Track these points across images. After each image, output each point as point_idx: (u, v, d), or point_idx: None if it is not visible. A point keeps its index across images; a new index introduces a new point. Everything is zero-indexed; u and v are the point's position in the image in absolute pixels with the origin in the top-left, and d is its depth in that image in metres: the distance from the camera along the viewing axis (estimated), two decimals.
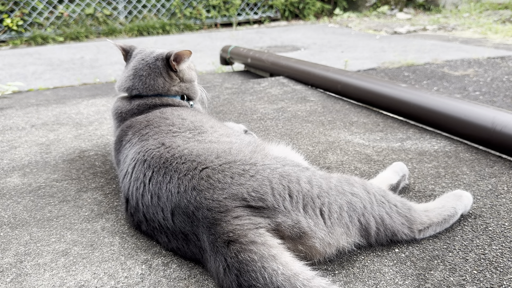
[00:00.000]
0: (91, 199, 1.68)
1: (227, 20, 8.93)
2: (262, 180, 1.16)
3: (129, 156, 1.45)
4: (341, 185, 1.22)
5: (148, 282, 1.19)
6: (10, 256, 1.33)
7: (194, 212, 1.16)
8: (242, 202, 1.13)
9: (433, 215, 1.32)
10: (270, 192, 1.15)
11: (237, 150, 1.31)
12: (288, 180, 1.17)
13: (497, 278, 1.13)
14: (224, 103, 2.92)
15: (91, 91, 3.61)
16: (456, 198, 1.41)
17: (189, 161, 1.26)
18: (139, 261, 1.28)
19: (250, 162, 1.23)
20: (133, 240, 1.39)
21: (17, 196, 1.73)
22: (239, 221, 1.10)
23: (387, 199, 1.26)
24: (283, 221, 1.12)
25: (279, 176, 1.18)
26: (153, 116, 1.61)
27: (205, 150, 1.31)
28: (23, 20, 7.56)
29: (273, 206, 1.13)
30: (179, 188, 1.20)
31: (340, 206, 1.17)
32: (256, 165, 1.21)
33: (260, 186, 1.15)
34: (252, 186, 1.15)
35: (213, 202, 1.14)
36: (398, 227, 1.24)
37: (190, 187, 1.18)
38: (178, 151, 1.32)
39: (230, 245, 1.07)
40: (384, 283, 1.14)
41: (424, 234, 1.31)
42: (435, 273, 1.16)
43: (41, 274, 1.24)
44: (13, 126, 2.66)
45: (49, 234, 1.45)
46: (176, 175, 1.23)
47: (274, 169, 1.20)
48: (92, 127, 2.57)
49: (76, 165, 2.02)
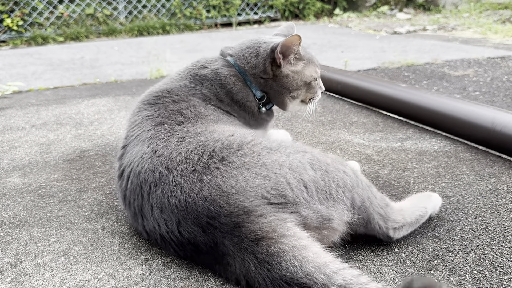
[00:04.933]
0: (91, 199, 1.68)
1: (227, 20, 8.93)
2: (277, 178, 1.16)
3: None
4: (335, 164, 1.25)
5: (148, 282, 1.19)
6: (10, 256, 1.33)
7: (208, 221, 1.13)
8: (263, 200, 1.13)
9: (407, 214, 1.33)
10: (288, 187, 1.15)
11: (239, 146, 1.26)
12: (298, 172, 1.18)
13: (497, 278, 1.13)
14: None
15: (91, 91, 3.61)
16: (426, 198, 1.43)
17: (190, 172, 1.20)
18: (139, 261, 1.28)
19: (259, 163, 1.19)
20: (133, 240, 1.39)
21: (17, 196, 1.74)
22: (264, 218, 1.10)
23: (370, 189, 1.28)
24: (308, 214, 1.14)
25: (289, 170, 1.18)
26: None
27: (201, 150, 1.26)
28: (23, 20, 7.56)
29: (294, 200, 1.14)
30: (186, 200, 1.16)
31: (337, 183, 1.20)
32: (266, 165, 1.19)
33: (277, 183, 1.15)
34: (270, 185, 1.15)
35: (231, 207, 1.12)
36: (375, 215, 1.25)
37: (201, 199, 1.14)
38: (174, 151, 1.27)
39: (259, 241, 1.07)
40: (384, 283, 1.14)
41: (399, 233, 1.30)
42: (435, 273, 1.16)
43: (41, 274, 1.24)
44: (13, 126, 2.66)
45: (49, 234, 1.45)
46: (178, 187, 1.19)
47: (283, 164, 1.19)
48: (92, 127, 2.57)
49: (76, 165, 2.02)
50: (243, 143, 1.26)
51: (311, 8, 9.42)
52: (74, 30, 7.70)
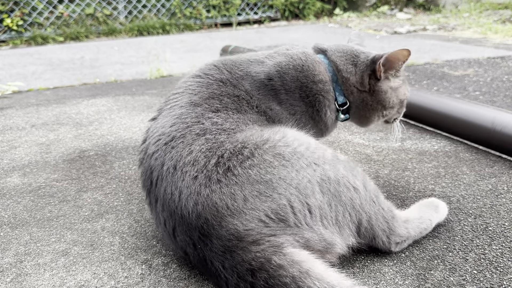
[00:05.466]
0: (91, 199, 1.68)
1: (227, 20, 8.93)
2: (280, 200, 1.06)
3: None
4: (346, 180, 1.15)
5: (148, 282, 1.19)
6: (10, 256, 1.33)
7: (200, 237, 1.08)
8: (259, 224, 1.05)
9: (412, 227, 1.27)
10: (291, 211, 1.07)
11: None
12: (305, 194, 1.09)
13: (497, 278, 1.13)
14: None
15: (91, 91, 3.61)
16: (433, 209, 1.36)
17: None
18: (139, 261, 1.28)
19: (265, 179, 1.08)
20: (133, 240, 1.39)
21: (17, 196, 1.73)
22: (257, 246, 1.02)
23: (378, 200, 1.21)
24: (311, 236, 1.08)
25: (296, 192, 1.08)
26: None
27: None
28: (23, 20, 7.56)
29: (295, 224, 1.07)
30: (182, 210, 1.10)
31: (344, 207, 1.13)
32: (272, 182, 1.08)
33: (279, 206, 1.06)
34: (270, 207, 1.06)
35: (222, 230, 1.04)
36: (379, 232, 1.20)
37: (195, 215, 1.08)
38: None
39: (255, 273, 1.00)
40: (384, 283, 1.14)
41: (400, 247, 1.26)
42: (435, 273, 1.16)
43: (41, 274, 1.24)
44: (13, 126, 2.66)
45: (49, 234, 1.45)
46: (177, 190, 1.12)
47: (290, 183, 1.09)
48: (92, 127, 2.57)
49: (76, 165, 2.02)
50: (257, 147, 1.14)
51: (311, 8, 9.42)
52: (74, 30, 7.70)
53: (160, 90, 3.46)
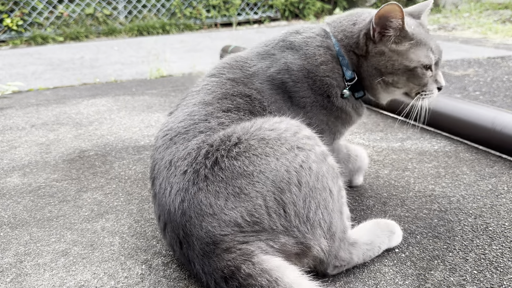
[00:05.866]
0: (91, 199, 1.68)
1: (227, 20, 8.92)
2: (256, 199, 1.03)
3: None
4: (326, 179, 1.10)
5: (148, 282, 1.18)
6: (10, 256, 1.33)
7: (184, 237, 1.08)
8: (234, 228, 1.03)
9: (356, 254, 1.19)
10: (266, 212, 1.03)
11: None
12: (281, 188, 1.04)
13: (497, 278, 1.13)
14: None
15: (91, 91, 3.61)
16: (387, 235, 1.26)
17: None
18: (139, 261, 1.28)
19: (248, 172, 1.05)
20: (133, 240, 1.39)
21: (17, 196, 1.73)
22: (229, 254, 1.02)
23: (342, 216, 1.16)
24: (287, 240, 1.05)
25: (272, 187, 1.04)
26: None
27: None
28: (23, 20, 7.55)
29: (270, 227, 1.04)
30: (170, 206, 1.10)
31: (318, 204, 1.07)
32: (252, 176, 1.04)
33: (254, 207, 1.03)
34: (247, 209, 1.03)
35: (202, 231, 1.04)
36: (323, 243, 1.10)
37: (180, 212, 1.07)
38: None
39: (228, 281, 1.01)
40: (384, 283, 1.14)
41: (337, 271, 1.17)
42: (435, 273, 1.16)
43: (41, 274, 1.24)
44: (13, 126, 2.66)
45: (49, 234, 1.45)
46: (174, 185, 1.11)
47: (268, 176, 1.04)
48: (92, 127, 2.57)
49: (76, 165, 2.02)
50: (244, 132, 1.11)
51: (311, 8, 9.42)
52: (74, 30, 7.70)
53: (160, 90, 3.46)
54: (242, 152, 1.07)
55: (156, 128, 2.47)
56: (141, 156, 2.08)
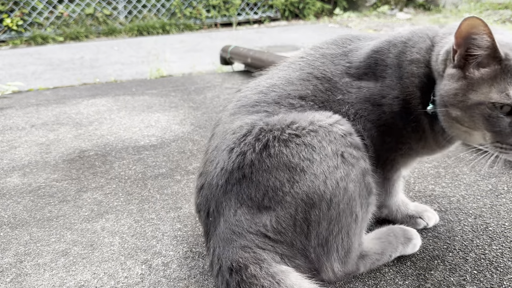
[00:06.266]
0: (91, 199, 1.68)
1: (227, 20, 8.92)
2: (289, 206, 1.00)
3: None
4: (357, 201, 1.05)
5: (148, 282, 1.18)
6: (10, 256, 1.33)
7: (214, 212, 1.09)
8: (260, 229, 1.02)
9: (364, 265, 1.16)
10: (292, 223, 1.01)
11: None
12: (311, 204, 1.00)
13: (497, 278, 1.13)
14: (224, 103, 2.91)
15: (91, 91, 3.61)
16: (403, 241, 1.22)
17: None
18: (139, 261, 1.28)
19: (293, 164, 1.00)
20: (133, 240, 1.39)
21: (17, 196, 1.73)
22: (244, 253, 1.02)
23: (361, 233, 1.13)
24: (301, 262, 1.04)
25: (305, 196, 1.00)
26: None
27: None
28: (23, 20, 7.55)
29: (291, 242, 1.03)
30: (213, 177, 1.09)
31: (340, 229, 1.04)
32: (295, 172, 1.00)
33: (285, 215, 1.01)
34: (278, 214, 1.01)
35: (233, 218, 1.04)
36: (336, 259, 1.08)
37: (222, 190, 1.07)
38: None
39: (232, 273, 1.02)
40: (384, 283, 1.14)
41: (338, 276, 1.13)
42: (435, 273, 1.16)
43: (41, 274, 1.24)
44: (13, 126, 2.66)
45: (49, 234, 1.45)
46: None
47: (307, 178, 1.00)
48: (92, 127, 2.57)
49: (76, 165, 2.02)
50: (301, 118, 1.06)
51: (311, 8, 9.42)
52: (73, 30, 7.70)
53: (160, 90, 3.46)
54: (293, 136, 1.03)
55: (156, 128, 2.48)
56: (141, 156, 2.08)
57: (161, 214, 1.54)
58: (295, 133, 1.03)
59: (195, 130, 2.40)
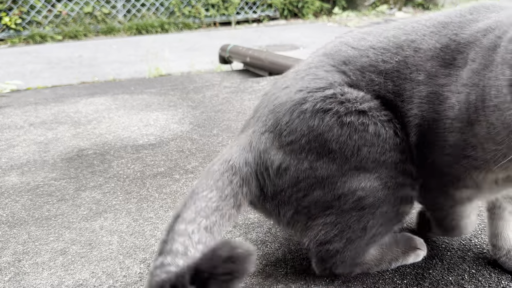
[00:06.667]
0: (89, 198, 1.68)
1: (226, 19, 8.92)
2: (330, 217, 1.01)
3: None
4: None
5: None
6: (8, 255, 1.33)
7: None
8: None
9: (357, 271, 1.14)
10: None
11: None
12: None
13: (495, 277, 1.13)
14: (222, 102, 2.91)
15: (89, 89, 3.60)
16: (405, 253, 1.18)
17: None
18: (137, 260, 1.28)
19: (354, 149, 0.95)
20: (131, 239, 1.39)
21: (15, 195, 1.73)
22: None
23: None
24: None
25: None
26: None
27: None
28: (22, 19, 7.54)
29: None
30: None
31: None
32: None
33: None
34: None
35: (280, 181, 1.02)
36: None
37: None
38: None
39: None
40: (382, 282, 1.14)
41: (322, 274, 1.13)
42: (433, 272, 1.16)
43: (39, 273, 1.24)
44: (11, 124, 2.66)
45: (47, 233, 1.45)
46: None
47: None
48: (90, 126, 2.57)
49: (75, 163, 2.02)
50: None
51: (310, 7, 9.42)
52: (72, 28, 7.70)
53: (158, 89, 3.46)
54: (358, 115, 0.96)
55: (155, 127, 2.47)
56: (139, 155, 2.08)
57: (159, 213, 1.54)
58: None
59: (194, 129, 2.40)
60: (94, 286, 1.17)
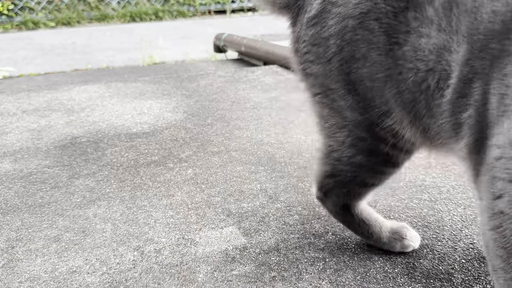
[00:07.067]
0: (83, 186, 1.68)
1: (221, 7, 8.86)
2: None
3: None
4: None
5: (140, 269, 1.19)
6: (2, 242, 1.33)
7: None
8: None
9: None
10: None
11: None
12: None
13: (484, 267, 1.15)
14: (217, 91, 2.91)
15: (82, 77, 3.58)
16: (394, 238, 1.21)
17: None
18: (131, 247, 1.29)
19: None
20: (125, 227, 1.39)
21: (8, 182, 1.73)
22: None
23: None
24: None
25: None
26: None
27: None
28: (14, 4, 7.45)
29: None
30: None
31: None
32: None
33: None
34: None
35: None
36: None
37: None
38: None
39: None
40: (373, 271, 1.15)
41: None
42: (424, 262, 1.18)
43: (33, 260, 1.24)
44: (3, 111, 2.64)
45: (41, 220, 1.45)
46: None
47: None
48: (84, 114, 2.55)
49: (68, 151, 2.01)
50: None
51: None
52: (65, 15, 7.61)
53: (152, 77, 3.44)
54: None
55: (149, 115, 2.47)
56: (133, 143, 2.07)
57: (153, 201, 1.54)
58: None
59: (188, 118, 2.39)
60: (87, 273, 1.18)
